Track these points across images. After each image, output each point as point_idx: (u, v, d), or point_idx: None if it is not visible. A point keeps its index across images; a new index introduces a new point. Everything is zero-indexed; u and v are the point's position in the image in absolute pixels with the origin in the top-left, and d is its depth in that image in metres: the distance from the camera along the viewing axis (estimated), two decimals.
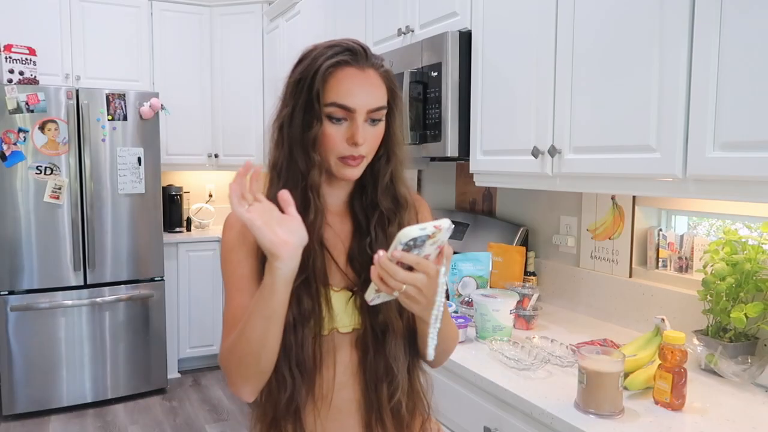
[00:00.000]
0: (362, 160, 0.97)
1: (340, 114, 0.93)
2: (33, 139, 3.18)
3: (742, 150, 1.13)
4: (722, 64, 1.16)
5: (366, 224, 1.02)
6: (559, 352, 1.54)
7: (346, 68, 0.94)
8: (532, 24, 1.67)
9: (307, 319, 0.95)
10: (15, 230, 3.19)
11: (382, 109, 0.96)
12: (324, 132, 0.94)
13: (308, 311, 0.95)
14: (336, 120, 0.94)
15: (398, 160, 1.03)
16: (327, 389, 0.98)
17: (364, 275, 0.97)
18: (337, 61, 0.94)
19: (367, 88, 0.94)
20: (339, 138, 0.94)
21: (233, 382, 0.95)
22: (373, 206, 1.02)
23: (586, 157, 1.51)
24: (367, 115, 0.94)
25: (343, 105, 0.93)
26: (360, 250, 1.01)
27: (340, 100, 0.93)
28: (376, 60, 0.99)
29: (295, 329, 0.94)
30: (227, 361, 0.94)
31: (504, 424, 1.37)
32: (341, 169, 0.96)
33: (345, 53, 0.95)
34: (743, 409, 1.24)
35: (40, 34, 3.51)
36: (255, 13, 4.00)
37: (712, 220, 1.73)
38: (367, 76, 0.95)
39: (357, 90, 0.93)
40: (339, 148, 0.94)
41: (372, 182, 1.03)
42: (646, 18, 1.32)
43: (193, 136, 4.09)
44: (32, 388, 3.27)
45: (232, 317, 0.96)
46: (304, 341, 0.95)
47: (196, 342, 3.97)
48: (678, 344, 1.21)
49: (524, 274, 2.13)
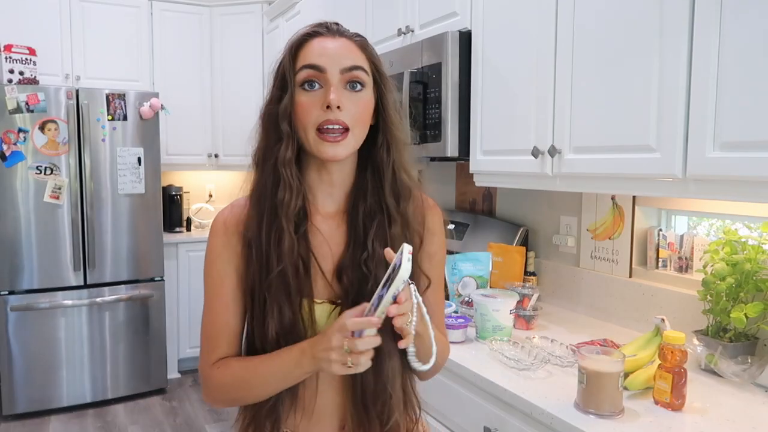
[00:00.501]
0: (346, 136, 0.87)
1: (312, 76, 0.88)
2: (33, 139, 3.18)
3: (742, 150, 1.13)
4: (722, 63, 1.16)
5: (363, 235, 0.92)
6: (559, 352, 1.54)
7: (317, 37, 0.91)
8: (532, 24, 1.67)
9: (289, 333, 0.89)
10: (15, 230, 3.19)
11: (359, 69, 0.89)
12: (296, 102, 0.88)
13: (289, 325, 0.89)
14: (309, 86, 0.88)
15: (398, 144, 0.95)
16: (309, 400, 0.95)
17: (352, 294, 0.90)
18: (308, 32, 0.92)
19: (339, 50, 0.89)
20: (312, 104, 0.87)
21: (214, 400, 0.95)
22: (375, 211, 0.93)
23: (586, 157, 1.51)
24: (343, 76, 0.88)
25: (311, 64, 0.88)
26: (353, 263, 0.92)
27: (308, 60, 0.88)
28: (351, 33, 0.95)
29: (278, 342, 0.90)
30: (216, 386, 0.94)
31: (504, 424, 1.37)
32: (320, 147, 0.87)
33: (315, 27, 0.93)
34: (743, 409, 1.24)
35: (40, 34, 3.51)
36: (255, 13, 4.00)
37: (712, 220, 1.73)
38: (339, 40, 0.91)
39: (328, 51, 0.88)
40: (314, 115, 0.87)
41: (376, 179, 0.94)
42: (646, 18, 1.32)
43: (193, 136, 4.09)
44: (32, 388, 3.27)
45: (217, 333, 0.95)
46: None
47: (196, 342, 3.92)
48: (678, 344, 1.21)
49: (524, 274, 2.13)
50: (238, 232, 0.94)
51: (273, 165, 0.90)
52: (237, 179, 5.14)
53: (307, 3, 3.26)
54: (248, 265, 0.93)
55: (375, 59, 0.94)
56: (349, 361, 0.78)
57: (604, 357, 1.18)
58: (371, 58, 0.93)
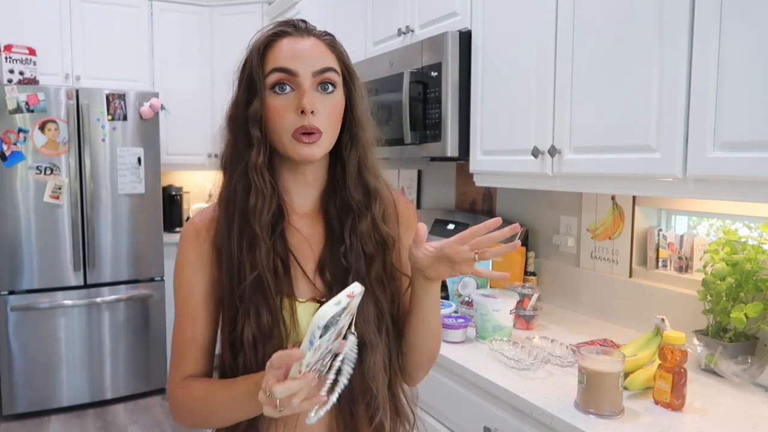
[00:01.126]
0: (319, 138, 0.86)
1: (283, 79, 0.85)
2: (33, 139, 3.18)
3: (742, 150, 1.13)
4: (722, 63, 1.16)
5: (340, 229, 0.93)
6: (559, 352, 1.54)
7: (285, 37, 0.88)
8: (532, 24, 1.67)
9: (268, 337, 0.85)
10: (15, 230, 3.19)
11: (330, 71, 0.88)
12: (268, 106, 0.86)
13: (268, 328, 0.85)
14: (280, 89, 0.85)
15: (363, 143, 0.94)
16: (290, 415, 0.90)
17: (336, 289, 0.85)
18: (275, 32, 0.89)
19: (309, 52, 0.87)
20: (285, 109, 0.85)
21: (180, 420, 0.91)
22: (347, 206, 0.93)
23: (586, 157, 1.51)
24: (315, 79, 0.86)
25: (282, 68, 0.85)
26: (333, 258, 0.92)
27: (279, 63, 0.85)
28: (319, 31, 0.92)
29: (255, 348, 0.85)
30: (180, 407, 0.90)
31: (504, 424, 1.37)
32: (296, 148, 0.86)
33: (282, 26, 0.90)
34: (743, 409, 1.24)
35: (40, 34, 3.51)
36: (255, 13, 3.99)
37: (712, 220, 1.73)
38: (308, 41, 0.88)
39: (298, 53, 0.86)
40: (288, 120, 0.85)
41: (342, 175, 0.94)
42: (646, 18, 1.32)
43: (193, 136, 4.09)
44: (32, 388, 3.27)
45: (184, 349, 0.91)
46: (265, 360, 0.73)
47: None
48: (678, 344, 1.21)
49: (524, 274, 2.13)
50: (209, 237, 0.91)
51: (243, 170, 0.88)
52: None
53: (307, 3, 3.26)
54: (220, 272, 0.90)
55: (344, 57, 0.93)
56: (278, 403, 0.68)
57: (604, 357, 1.19)
58: (341, 57, 0.92)
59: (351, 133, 0.93)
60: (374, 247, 0.93)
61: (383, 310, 0.92)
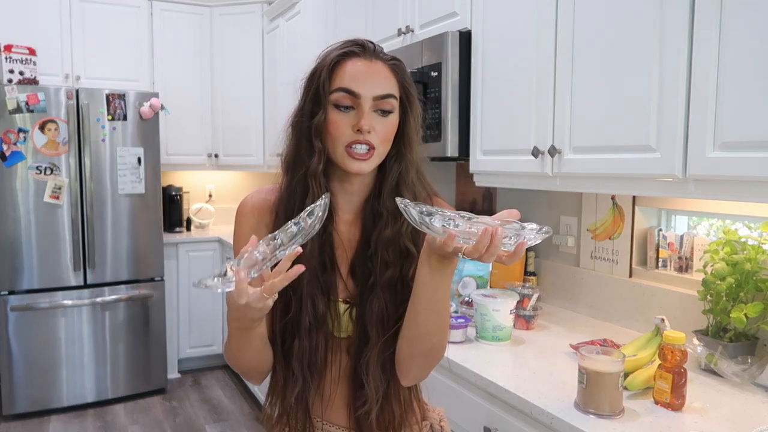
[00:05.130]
0: (372, 154, 0.94)
1: (346, 101, 0.93)
2: (33, 139, 3.18)
3: (742, 150, 1.13)
4: (722, 64, 1.16)
5: (370, 232, 1.00)
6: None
7: (354, 58, 0.95)
8: (532, 24, 1.66)
9: (321, 324, 0.97)
10: (15, 230, 3.19)
11: (390, 97, 0.95)
12: (329, 119, 0.93)
13: (322, 316, 0.96)
14: (343, 108, 0.93)
15: (407, 161, 1.00)
16: (329, 388, 1.01)
17: (361, 291, 0.98)
18: (345, 51, 0.95)
19: (373, 76, 0.94)
20: (345, 125, 0.93)
21: (230, 363, 1.00)
22: (378, 213, 1.00)
23: (586, 157, 1.51)
24: (375, 103, 0.93)
25: (347, 89, 0.92)
26: (361, 262, 0.99)
27: (345, 84, 0.93)
28: (386, 55, 0.99)
29: (310, 334, 0.96)
30: (227, 352, 0.99)
31: (504, 424, 1.37)
32: (348, 162, 0.94)
33: (353, 46, 0.96)
34: (743, 409, 1.24)
35: (40, 34, 3.51)
36: (255, 13, 3.99)
37: (712, 220, 1.73)
38: (374, 65, 0.95)
39: (363, 76, 0.93)
40: (345, 135, 0.93)
41: (381, 183, 1.01)
42: (646, 18, 1.32)
43: (193, 136, 4.09)
44: (32, 388, 3.27)
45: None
46: (318, 345, 0.97)
47: (196, 342, 3.97)
48: (678, 344, 1.21)
49: (524, 274, 2.13)
50: (269, 214, 1.00)
51: (303, 175, 0.96)
52: (237, 179, 5.13)
53: (307, 3, 3.26)
54: None
55: (406, 83, 0.99)
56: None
57: (604, 357, 1.19)
58: (402, 82, 0.98)
59: (398, 150, 1.00)
60: (395, 256, 0.98)
61: (389, 313, 0.98)
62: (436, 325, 0.93)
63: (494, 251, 0.77)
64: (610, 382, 1.17)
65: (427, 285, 0.89)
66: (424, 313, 0.91)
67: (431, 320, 0.92)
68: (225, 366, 4.05)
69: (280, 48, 3.68)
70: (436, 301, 0.90)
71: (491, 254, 0.78)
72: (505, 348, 1.65)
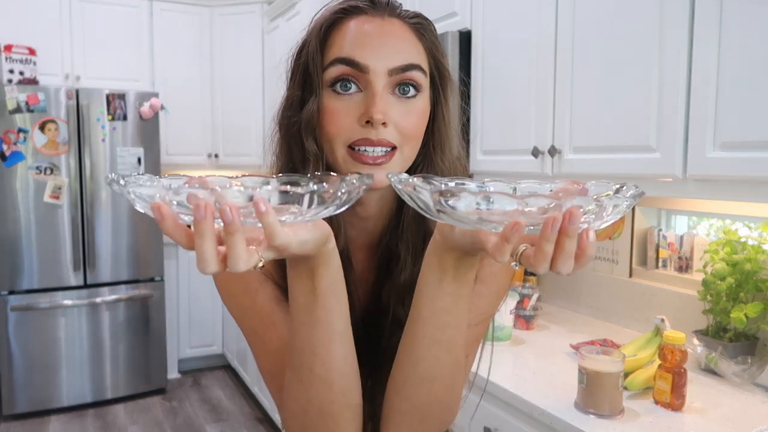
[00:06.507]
0: (392, 156, 0.63)
1: (348, 74, 0.62)
2: (33, 139, 3.18)
3: (742, 150, 1.13)
4: (722, 64, 1.16)
5: (384, 280, 0.72)
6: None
7: (357, 16, 0.65)
8: (532, 24, 1.66)
9: None
10: (15, 230, 3.19)
11: (415, 69, 0.64)
12: (324, 108, 0.63)
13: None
14: (343, 88, 0.63)
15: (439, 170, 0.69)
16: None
17: (368, 353, 0.69)
18: (343, 8, 0.65)
19: (387, 39, 0.63)
20: (347, 114, 0.62)
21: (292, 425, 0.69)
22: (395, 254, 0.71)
23: (586, 157, 1.51)
24: (391, 78, 0.63)
25: (347, 58, 0.62)
26: (374, 318, 0.72)
27: (345, 53, 0.62)
28: (406, 11, 0.67)
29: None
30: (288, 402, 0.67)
31: (504, 424, 1.37)
32: (353, 169, 0.63)
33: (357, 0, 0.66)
34: (743, 409, 1.24)
35: (40, 34, 3.51)
36: (255, 13, 3.99)
37: (712, 220, 1.73)
38: (388, 24, 0.64)
39: (372, 40, 0.63)
40: (347, 129, 0.62)
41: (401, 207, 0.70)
42: (646, 18, 1.32)
43: (193, 136, 4.09)
44: (32, 388, 3.27)
45: (277, 363, 0.67)
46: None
47: (196, 342, 3.96)
48: (678, 344, 1.21)
49: (524, 274, 2.13)
50: None
51: None
52: None
53: (307, 3, 3.26)
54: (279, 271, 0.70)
55: (436, 51, 0.68)
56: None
57: (604, 357, 1.19)
58: (431, 50, 0.67)
59: (425, 153, 0.69)
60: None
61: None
62: (444, 366, 0.63)
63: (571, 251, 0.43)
64: (610, 382, 1.17)
65: (436, 301, 0.59)
66: (427, 345, 0.61)
67: (437, 356, 0.61)
68: (225, 366, 4.05)
69: (281, 48, 3.68)
70: (447, 327, 0.60)
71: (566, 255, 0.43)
72: (505, 348, 1.65)
